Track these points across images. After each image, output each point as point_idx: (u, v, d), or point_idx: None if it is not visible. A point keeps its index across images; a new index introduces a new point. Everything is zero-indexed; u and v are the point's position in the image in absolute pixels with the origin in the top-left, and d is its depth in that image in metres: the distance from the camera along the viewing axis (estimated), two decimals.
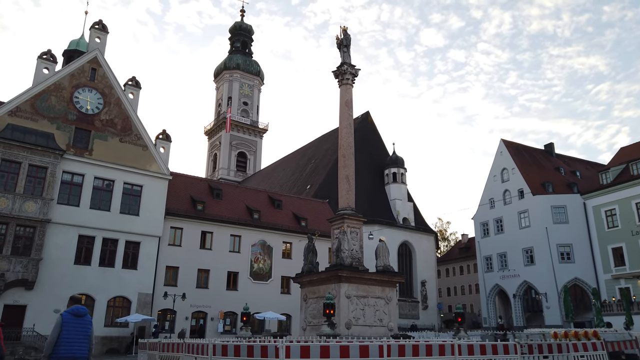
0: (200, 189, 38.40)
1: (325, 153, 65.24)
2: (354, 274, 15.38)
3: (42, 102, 29.96)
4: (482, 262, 50.56)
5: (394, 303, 16.10)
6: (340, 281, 15.13)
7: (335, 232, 16.85)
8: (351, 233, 16.45)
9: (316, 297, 16.05)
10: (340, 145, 17.97)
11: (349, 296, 15.12)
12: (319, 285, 16.04)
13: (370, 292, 15.66)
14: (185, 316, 33.23)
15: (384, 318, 15.65)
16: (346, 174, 17.48)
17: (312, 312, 16.04)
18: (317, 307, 15.83)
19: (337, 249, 15.79)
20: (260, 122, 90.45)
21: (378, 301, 15.71)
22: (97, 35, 33.07)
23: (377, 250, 16.90)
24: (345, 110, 18.20)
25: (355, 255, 16.18)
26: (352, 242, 16.30)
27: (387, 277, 16.08)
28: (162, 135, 34.70)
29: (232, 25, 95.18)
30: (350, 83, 18.57)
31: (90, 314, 29.46)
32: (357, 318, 15.10)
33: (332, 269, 15.62)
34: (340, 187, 17.41)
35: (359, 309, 15.22)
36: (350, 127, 18.08)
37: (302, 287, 16.96)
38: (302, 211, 42.78)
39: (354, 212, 17.01)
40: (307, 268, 16.92)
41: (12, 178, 27.75)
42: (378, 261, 16.81)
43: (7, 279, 26.24)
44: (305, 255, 17.13)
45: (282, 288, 38.23)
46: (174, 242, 34.15)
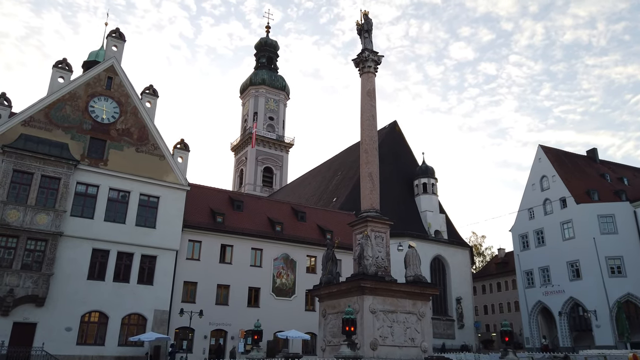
0: (220, 201, 36.85)
1: (351, 165, 63.16)
2: (379, 285, 13.17)
3: (56, 111, 29.14)
4: (522, 277, 47.00)
5: (428, 319, 13.75)
6: (363, 293, 12.94)
7: (358, 237, 14.72)
8: (376, 238, 14.28)
9: (336, 312, 13.88)
10: (362, 140, 15.93)
11: (374, 311, 12.89)
12: (339, 299, 13.87)
13: (400, 307, 13.38)
14: (204, 335, 31.36)
15: (416, 337, 13.31)
16: (369, 171, 15.39)
17: (332, 330, 13.85)
18: (337, 323, 13.65)
19: (359, 255, 13.63)
20: (286, 137, 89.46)
21: (409, 317, 13.41)
22: (114, 44, 32.31)
23: (406, 258, 14.63)
24: (367, 101, 16.19)
25: (380, 264, 13.97)
26: (377, 248, 14.12)
27: (419, 289, 13.78)
28: (180, 145, 33.42)
29: (258, 42, 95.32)
30: (372, 71, 16.61)
31: (104, 332, 28.13)
32: (385, 337, 12.83)
33: (353, 279, 13.45)
34: (363, 187, 15.32)
35: (386, 326, 12.96)
36: (373, 119, 16.05)
37: (321, 301, 14.83)
38: (327, 223, 40.65)
39: (378, 215, 14.86)
40: (326, 279, 14.80)
41: (23, 189, 26.79)
42: (408, 270, 14.53)
43: (17, 295, 25.01)
44: (324, 264, 15.04)
45: (307, 305, 35.96)
46: (192, 256, 32.51)
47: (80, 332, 27.17)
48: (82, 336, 27.25)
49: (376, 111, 16.20)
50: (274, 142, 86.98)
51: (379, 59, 16.80)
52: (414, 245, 14.78)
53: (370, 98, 16.25)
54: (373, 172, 15.43)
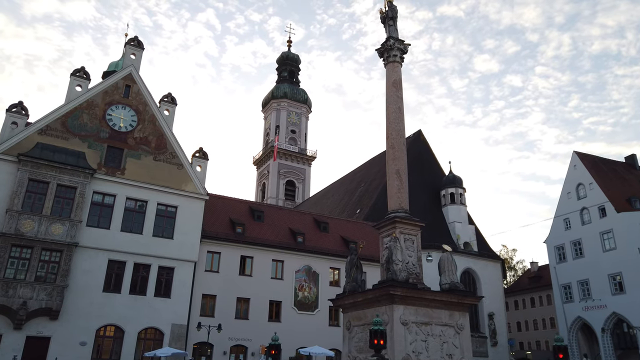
0: (240, 211, 35.72)
1: (375, 176, 61.61)
2: (411, 293, 11.60)
3: (73, 120, 28.65)
4: (559, 291, 44.21)
5: (467, 333, 12.08)
6: (393, 302, 11.39)
7: (385, 240, 13.20)
8: (405, 241, 12.75)
9: (362, 325, 12.33)
10: (389, 134, 14.51)
11: (406, 322, 11.31)
12: (365, 309, 12.33)
13: (435, 318, 11.77)
14: (223, 351, 29.94)
15: (455, 353, 11.65)
16: (396, 168, 13.93)
17: (358, 345, 12.30)
18: (363, 337, 12.11)
19: (387, 260, 12.11)
20: (309, 150, 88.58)
21: (445, 330, 11.77)
22: (132, 52, 31.89)
23: (440, 264, 13.02)
24: (393, 92, 14.81)
25: (411, 270, 12.41)
26: (407, 252, 12.57)
27: (457, 298, 12.14)
28: (199, 154, 32.55)
29: (280, 56, 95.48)
30: (398, 60, 15.28)
31: (119, 347, 26.99)
32: (418, 353, 11.22)
33: (381, 286, 11.91)
34: (390, 185, 13.85)
35: (420, 340, 11.35)
36: (400, 111, 14.63)
37: (345, 312, 13.30)
38: (350, 234, 39.05)
39: (408, 215, 13.35)
40: (349, 287, 13.28)
41: (39, 199, 26.16)
42: (443, 277, 12.90)
43: (30, 308, 24.17)
44: (347, 271, 13.55)
45: (331, 320, 34.26)
46: (211, 267, 31.33)
47: (95, 346, 26.14)
48: (97, 351, 26.20)
49: (403, 103, 14.80)
50: (296, 155, 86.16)
51: (405, 48, 15.48)
52: (449, 249, 13.17)
53: (396, 89, 14.87)
54: (401, 168, 13.96)
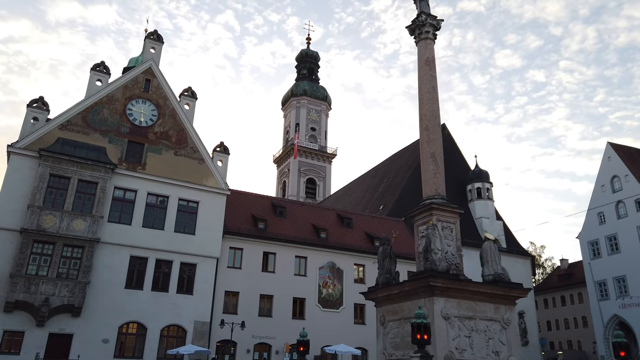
0: (262, 207, 35.04)
1: (397, 171, 60.36)
2: (453, 284, 10.61)
3: (94, 115, 28.36)
4: (594, 288, 42.35)
5: (514, 328, 11.02)
6: (433, 294, 10.42)
7: (421, 228, 12.22)
8: (443, 229, 11.75)
9: (398, 319, 11.39)
10: (422, 115, 13.51)
11: (448, 316, 10.33)
12: (401, 302, 11.38)
13: (479, 312, 10.75)
14: (246, 349, 29.27)
15: (502, 350, 10.62)
16: (431, 151, 12.93)
17: (394, 341, 11.35)
18: (399, 332, 11.17)
19: (425, 249, 11.13)
20: (329, 147, 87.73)
21: (491, 325, 10.74)
22: (152, 46, 31.49)
23: (482, 254, 11.99)
24: (426, 71, 13.81)
25: (451, 260, 11.42)
26: (446, 241, 11.57)
27: (503, 290, 11.09)
28: (220, 148, 31.98)
29: (299, 53, 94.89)
30: (430, 37, 14.25)
31: (142, 344, 26.52)
32: (462, 349, 10.23)
33: (419, 277, 10.94)
34: (425, 170, 12.86)
35: (463, 336, 10.36)
36: (434, 91, 13.62)
37: (378, 306, 12.36)
38: (374, 230, 37.99)
39: (445, 201, 12.35)
40: (383, 279, 12.34)
41: (60, 195, 25.90)
42: (485, 268, 11.86)
43: (52, 305, 23.87)
44: (380, 262, 12.61)
45: (356, 318, 33.31)
46: (234, 264, 30.70)
47: (117, 344, 25.75)
48: (119, 348, 25.81)
49: (437, 82, 13.79)
50: (317, 152, 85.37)
51: (437, 24, 14.46)
52: (492, 237, 12.11)
53: (429, 67, 13.86)
54: (436, 151, 12.95)
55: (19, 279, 23.51)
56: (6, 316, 23.36)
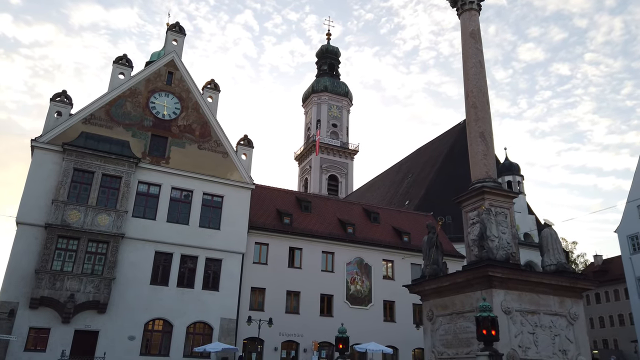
0: (287, 202, 34.20)
1: (423, 166, 58.99)
2: (514, 275, 9.49)
3: (117, 108, 27.90)
4: (635, 285, 40.31)
5: (582, 324, 9.84)
6: (491, 286, 9.32)
7: (471, 215, 11.12)
8: (497, 215, 10.62)
9: (449, 314, 10.32)
10: (469, 92, 12.39)
11: (509, 311, 9.22)
12: (452, 295, 10.31)
13: (542, 305, 9.62)
14: (274, 346, 28.47)
15: (569, 349, 9.47)
16: (480, 130, 11.81)
17: (445, 338, 10.29)
18: (451, 328, 10.10)
19: (480, 236, 10.04)
20: (351, 144, 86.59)
21: (556, 320, 9.60)
22: (174, 38, 30.91)
23: (542, 242, 10.84)
24: (471, 44, 12.67)
25: (507, 249, 10.27)
26: (500, 227, 10.44)
27: (568, 281, 9.93)
28: (244, 141, 31.24)
29: (319, 49, 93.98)
30: (475, 8, 13.10)
31: (168, 341, 25.92)
32: (526, 347, 9.12)
33: (475, 267, 9.84)
34: (473, 151, 11.75)
35: (526, 333, 9.24)
36: (481, 65, 12.48)
37: (425, 299, 11.30)
38: (402, 225, 36.84)
39: (497, 185, 11.22)
40: (430, 270, 11.28)
41: (84, 189, 25.48)
42: (546, 257, 10.71)
43: (77, 301, 23.43)
44: (425, 252, 11.55)
45: (385, 315, 32.20)
46: (259, 260, 29.93)
47: (143, 341, 25.22)
48: (145, 346, 25.27)
49: (483, 56, 12.63)
50: (338, 149, 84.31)
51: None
52: (552, 223, 10.93)
53: (474, 40, 12.72)
54: (486, 130, 11.82)
55: (44, 275, 23.14)
56: (32, 313, 23.02)
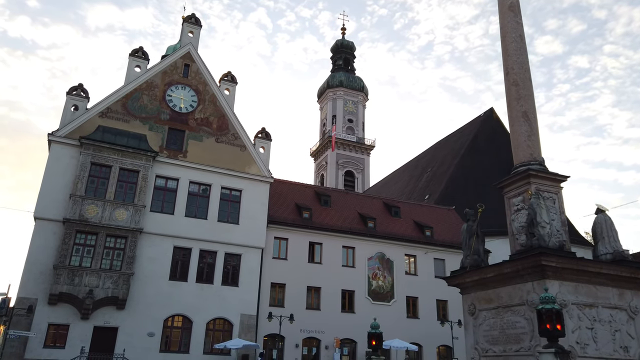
0: (306, 196, 33.49)
1: (442, 160, 57.75)
2: (569, 264, 8.62)
3: (133, 101, 27.45)
4: None
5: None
6: (544, 276, 8.47)
7: (514, 200, 10.26)
8: (546, 200, 9.72)
9: (494, 308, 9.48)
10: (509, 69, 11.48)
11: (565, 304, 8.36)
12: (498, 287, 9.46)
13: (600, 298, 8.74)
14: (295, 343, 27.83)
15: (631, 345, 8.59)
16: (523, 109, 10.92)
17: (490, 334, 9.45)
18: (497, 323, 9.27)
19: (529, 223, 9.18)
20: (367, 139, 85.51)
21: (616, 314, 8.72)
22: (190, 30, 30.37)
23: (596, 228, 9.94)
24: (511, 18, 11.76)
25: (559, 236, 9.39)
26: (550, 213, 9.55)
27: (629, 271, 9.04)
28: (262, 134, 30.59)
29: (334, 44, 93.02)
30: None
31: (188, 338, 25.37)
32: (584, 344, 8.25)
33: (525, 256, 8.97)
34: (515, 132, 10.86)
35: (584, 328, 8.37)
36: (522, 40, 11.57)
37: (466, 293, 10.47)
38: (424, 219, 35.85)
39: (544, 167, 10.33)
40: (471, 261, 10.44)
41: (102, 184, 25.10)
42: (601, 245, 9.82)
43: (96, 297, 23.04)
44: (465, 241, 10.72)
45: (409, 312, 31.31)
46: (279, 255, 29.29)
47: (163, 337, 24.76)
48: (165, 342, 24.82)
49: (523, 30, 11.71)
50: (354, 144, 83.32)
51: None
52: (605, 208, 10.00)
53: (514, 14, 11.81)
54: (529, 109, 10.92)
55: (62, 271, 22.80)
56: (50, 309, 22.71)
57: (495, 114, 54.10)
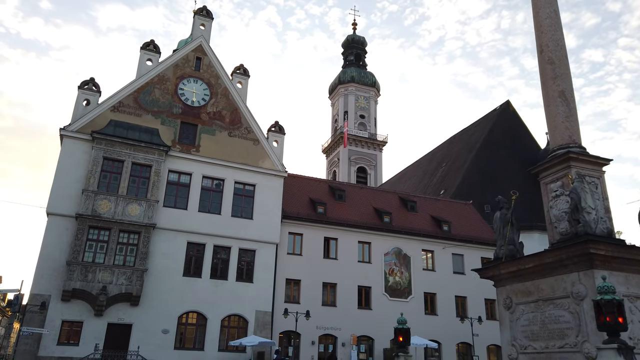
0: (320, 190, 32.89)
1: (457, 154, 56.82)
2: (620, 252, 7.91)
3: (145, 95, 27.05)
4: None
5: None
6: (592, 265, 7.77)
7: (552, 186, 9.56)
8: (588, 184, 9.00)
9: (534, 301, 8.79)
10: (543, 46, 10.74)
11: None
12: (538, 278, 8.77)
13: None
14: (311, 340, 27.27)
15: None
16: (560, 89, 10.19)
17: (529, 329, 8.77)
18: (538, 318, 8.58)
19: (573, 208, 8.46)
20: (379, 135, 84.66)
21: None
22: (202, 22, 29.90)
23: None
24: None
25: (604, 223, 8.66)
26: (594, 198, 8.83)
27: None
28: (275, 128, 30.05)
29: (345, 39, 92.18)
30: None
31: (202, 335, 24.97)
32: (638, 340, 7.51)
33: (571, 244, 8.26)
34: (552, 113, 10.14)
35: (637, 322, 7.64)
36: (557, 15, 10.81)
37: (500, 285, 9.78)
38: (441, 214, 35.06)
39: (584, 150, 9.59)
40: (505, 251, 9.75)
41: (114, 178, 24.74)
42: None
43: (110, 293, 22.69)
44: (498, 230, 10.03)
45: (427, 309, 30.57)
46: (293, 250, 28.74)
47: (177, 334, 24.36)
48: (179, 340, 24.41)
49: (557, 5, 10.95)
50: (367, 140, 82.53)
51: None
52: None
53: None
54: (566, 89, 10.19)
55: (75, 267, 22.48)
56: (64, 305, 22.41)
57: (512, 107, 53.03)
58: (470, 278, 32.14)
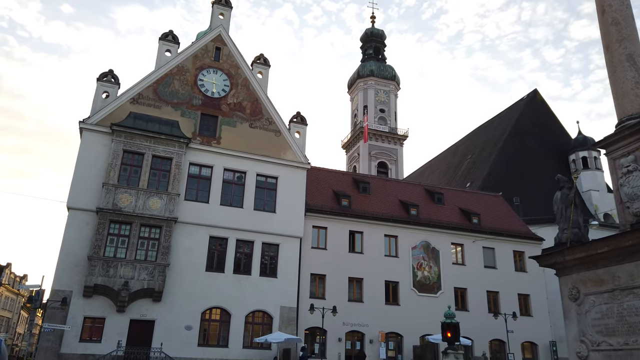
0: (343, 183, 31.92)
1: (483, 146, 55.09)
2: None
3: (164, 87, 26.43)
4: None
5: None
6: None
7: (623, 161, 8.39)
8: None
9: (608, 291, 7.67)
10: (605, 6, 9.58)
11: None
12: (614, 265, 7.64)
13: None
14: (337, 337, 26.35)
15: None
16: (627, 52, 9.01)
17: (603, 323, 7.65)
18: (613, 310, 7.47)
19: None
20: (400, 129, 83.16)
21: None
22: (220, 12, 29.15)
23: None
24: None
25: None
26: None
27: None
28: (297, 118, 29.16)
29: (364, 33, 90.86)
30: None
31: (226, 331, 24.23)
32: None
33: None
34: (618, 79, 8.96)
35: None
36: None
37: (565, 274, 8.65)
38: (470, 206, 33.74)
39: None
40: (570, 235, 8.61)
41: (134, 172, 24.16)
42: None
43: (132, 289, 22.11)
44: (560, 212, 8.92)
45: (457, 304, 29.33)
46: (318, 244, 27.83)
47: (201, 331, 23.70)
48: (203, 336, 23.74)
49: None
50: (387, 134, 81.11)
51: None
52: None
53: None
54: (635, 52, 9.00)
55: (97, 262, 21.95)
56: (86, 301, 21.91)
57: (540, 95, 51.17)
58: (502, 272, 30.86)
